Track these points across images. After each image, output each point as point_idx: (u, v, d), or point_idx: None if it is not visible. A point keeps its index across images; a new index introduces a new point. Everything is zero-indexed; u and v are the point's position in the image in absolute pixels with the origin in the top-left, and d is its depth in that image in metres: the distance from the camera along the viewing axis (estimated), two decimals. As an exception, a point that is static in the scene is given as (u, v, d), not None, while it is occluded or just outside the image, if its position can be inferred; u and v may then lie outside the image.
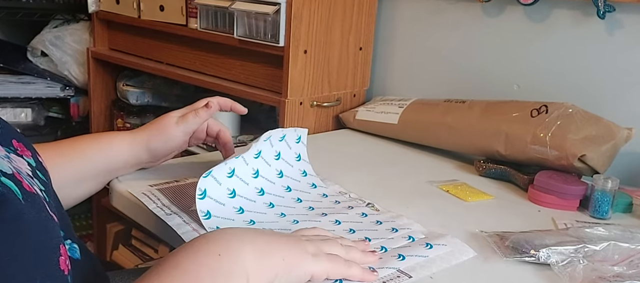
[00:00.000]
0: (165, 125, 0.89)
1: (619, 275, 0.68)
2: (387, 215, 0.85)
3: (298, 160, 0.94)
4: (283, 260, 0.59)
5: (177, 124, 0.89)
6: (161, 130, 0.89)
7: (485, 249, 0.76)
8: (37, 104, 1.89)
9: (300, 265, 0.60)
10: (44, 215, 0.50)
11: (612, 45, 1.13)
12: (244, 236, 0.59)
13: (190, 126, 0.89)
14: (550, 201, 0.95)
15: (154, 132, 0.89)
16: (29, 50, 1.86)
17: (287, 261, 0.59)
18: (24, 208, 0.48)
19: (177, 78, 1.53)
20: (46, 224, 0.50)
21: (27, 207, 0.48)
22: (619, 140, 1.01)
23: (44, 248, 0.48)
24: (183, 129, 0.89)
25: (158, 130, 0.89)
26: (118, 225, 1.91)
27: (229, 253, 0.55)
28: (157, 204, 0.82)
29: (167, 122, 0.89)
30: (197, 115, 0.89)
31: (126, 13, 1.60)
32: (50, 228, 0.51)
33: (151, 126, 0.90)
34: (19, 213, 0.47)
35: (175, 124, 0.89)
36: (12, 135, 0.62)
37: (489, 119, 1.11)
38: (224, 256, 0.55)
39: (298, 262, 0.60)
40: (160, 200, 0.83)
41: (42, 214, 0.50)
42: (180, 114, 0.91)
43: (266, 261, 0.58)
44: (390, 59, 1.48)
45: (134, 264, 1.81)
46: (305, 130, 0.95)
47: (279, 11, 1.22)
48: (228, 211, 0.78)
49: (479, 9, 1.30)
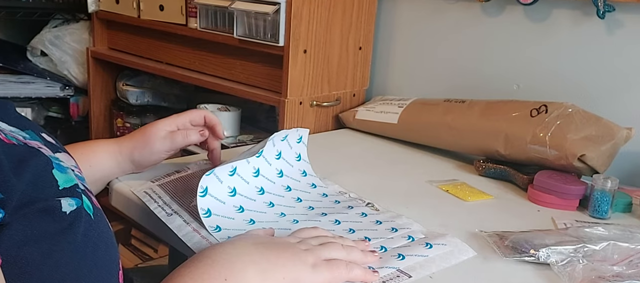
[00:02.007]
0: (151, 139, 0.87)
1: (618, 275, 0.68)
2: (386, 214, 0.85)
3: (298, 160, 0.94)
4: (283, 279, 0.60)
5: (163, 139, 0.87)
6: (146, 143, 0.86)
7: (485, 249, 0.76)
8: (37, 104, 1.89)
9: (300, 281, 0.61)
10: (109, 230, 0.52)
11: (612, 45, 1.13)
12: (246, 256, 0.59)
13: (177, 145, 0.88)
14: (550, 201, 0.95)
15: (139, 144, 0.87)
16: (29, 50, 1.86)
17: (288, 279, 0.60)
18: (94, 223, 0.49)
19: (177, 78, 1.53)
20: (111, 239, 0.52)
21: (97, 221, 0.50)
22: (619, 140, 1.01)
23: (110, 262, 0.50)
24: (169, 146, 0.87)
25: (144, 142, 0.87)
26: (118, 224, 1.91)
27: (234, 277, 0.57)
28: (158, 203, 0.82)
29: (153, 135, 0.87)
30: (186, 137, 0.87)
31: (126, 13, 1.60)
32: (113, 243, 0.53)
33: (137, 136, 0.88)
34: (91, 228, 0.48)
35: (162, 138, 0.87)
36: (62, 149, 0.62)
37: (488, 119, 1.11)
38: (230, 280, 0.56)
39: (298, 277, 0.61)
40: (162, 198, 0.83)
41: (108, 229, 0.52)
42: (169, 127, 0.88)
43: (268, 282, 0.59)
44: (390, 59, 1.48)
45: (134, 264, 1.81)
46: (307, 130, 0.95)
47: (278, 11, 1.22)
48: (228, 210, 0.78)
49: (479, 9, 1.30)
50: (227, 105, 1.50)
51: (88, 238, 0.48)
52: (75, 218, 0.47)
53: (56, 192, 0.48)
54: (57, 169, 0.50)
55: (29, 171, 0.47)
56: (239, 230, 0.75)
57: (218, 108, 1.49)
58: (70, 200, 0.48)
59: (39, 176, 0.48)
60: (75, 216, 0.47)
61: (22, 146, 0.49)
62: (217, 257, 0.58)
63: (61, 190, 0.49)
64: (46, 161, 0.49)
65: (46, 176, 0.49)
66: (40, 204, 0.46)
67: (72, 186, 0.50)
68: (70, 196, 0.48)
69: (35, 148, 0.50)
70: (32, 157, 0.49)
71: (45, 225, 0.45)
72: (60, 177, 0.50)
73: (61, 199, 0.47)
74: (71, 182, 0.50)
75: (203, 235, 0.73)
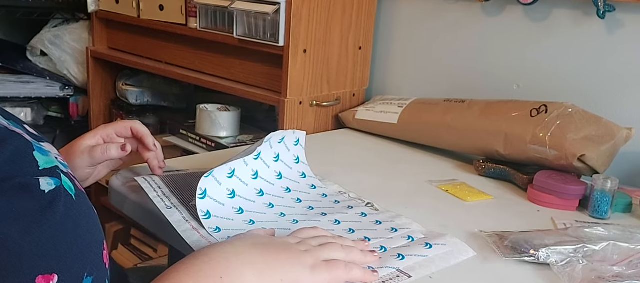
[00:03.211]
0: (70, 155, 0.83)
1: (618, 275, 0.68)
2: (386, 214, 0.84)
3: (296, 162, 0.94)
4: (281, 281, 0.59)
5: (82, 153, 0.83)
6: (68, 161, 0.80)
7: (484, 249, 0.76)
8: (37, 104, 1.89)
9: (299, 282, 0.61)
10: (92, 212, 0.52)
11: (612, 45, 1.13)
12: (244, 256, 0.59)
13: (96, 161, 0.84)
14: (550, 201, 0.95)
15: (63, 156, 0.85)
16: (29, 50, 1.86)
17: (286, 280, 0.60)
18: (76, 203, 0.49)
19: (177, 77, 1.53)
20: (95, 219, 0.52)
21: (78, 202, 0.50)
22: (619, 140, 1.01)
23: (93, 242, 0.50)
24: (89, 161, 0.83)
25: (67, 155, 0.82)
26: (117, 224, 1.91)
27: (231, 276, 0.56)
28: (158, 193, 0.81)
29: (72, 152, 0.83)
30: (106, 152, 0.83)
31: (126, 12, 1.60)
32: (97, 223, 0.52)
33: (63, 153, 0.81)
34: (72, 208, 0.48)
35: (81, 153, 0.83)
36: (45, 140, 0.61)
37: (488, 119, 1.11)
38: (226, 279, 0.56)
39: (296, 279, 0.61)
40: (161, 189, 0.82)
41: (91, 211, 0.52)
42: (91, 141, 0.85)
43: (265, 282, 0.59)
44: (390, 59, 1.48)
45: (134, 264, 1.81)
46: (304, 133, 0.95)
47: (278, 11, 1.22)
48: (228, 211, 0.78)
49: (479, 8, 1.30)
50: (226, 105, 1.50)
51: (68, 217, 0.47)
52: (55, 197, 0.47)
53: (36, 171, 0.48)
54: (38, 151, 0.49)
55: (8, 150, 0.46)
56: (238, 230, 0.74)
57: (218, 108, 1.49)
58: (49, 179, 0.47)
59: (19, 155, 0.47)
60: (55, 195, 0.47)
61: (3, 128, 0.49)
62: (215, 256, 0.58)
63: (41, 171, 0.48)
64: (26, 143, 0.49)
65: (26, 157, 0.48)
66: (17, 180, 0.45)
67: (52, 167, 0.49)
68: (49, 176, 0.48)
69: (16, 132, 0.49)
70: (12, 139, 0.48)
71: (23, 203, 0.45)
72: (41, 158, 0.49)
73: (40, 178, 0.47)
74: (51, 164, 0.49)
75: (202, 235, 0.73)
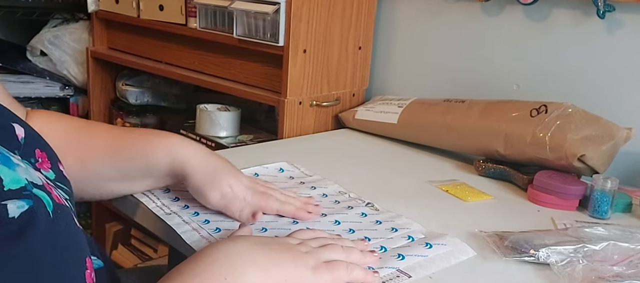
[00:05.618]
0: (227, 174, 0.79)
1: (618, 275, 0.68)
2: (386, 214, 0.84)
3: (291, 179, 0.96)
4: (285, 281, 0.59)
5: (228, 186, 0.78)
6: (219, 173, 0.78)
7: (484, 249, 0.76)
8: (37, 104, 1.89)
9: (301, 282, 0.61)
10: (73, 228, 0.50)
11: (612, 45, 1.13)
12: (247, 255, 0.59)
13: (228, 209, 0.78)
14: (550, 201, 0.95)
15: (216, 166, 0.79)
16: (28, 50, 1.86)
17: (289, 280, 0.60)
18: (53, 222, 0.47)
19: (177, 77, 1.53)
20: (75, 237, 0.50)
21: (56, 220, 0.48)
22: (619, 140, 1.01)
23: (73, 262, 0.48)
24: (219, 196, 0.78)
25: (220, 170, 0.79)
26: (117, 224, 1.91)
27: (235, 276, 0.56)
28: (157, 204, 0.82)
29: (233, 176, 0.79)
30: (241, 213, 0.78)
31: (125, 12, 1.60)
32: (78, 241, 0.50)
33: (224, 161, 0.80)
34: (48, 229, 0.46)
35: (229, 186, 0.78)
36: (36, 144, 0.59)
37: (488, 119, 1.11)
38: (230, 279, 0.56)
39: (299, 279, 0.61)
40: (160, 199, 0.83)
41: (71, 228, 0.50)
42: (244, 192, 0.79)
43: (269, 282, 0.58)
44: (390, 59, 1.48)
45: (133, 264, 1.81)
46: (284, 163, 0.97)
47: (278, 11, 1.22)
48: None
49: (479, 8, 1.30)
50: (226, 105, 1.50)
51: (44, 240, 0.45)
52: (28, 221, 0.44)
53: (1, 194, 0.44)
54: (4, 165, 0.46)
55: None
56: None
57: (218, 108, 1.49)
58: (19, 201, 0.44)
59: None
60: (27, 219, 0.44)
61: None
62: (218, 256, 0.58)
63: (6, 192, 0.45)
64: None
65: None
66: None
67: (19, 188, 0.46)
68: (18, 198, 0.45)
69: None
70: None
71: None
72: (7, 175, 0.46)
73: (7, 203, 0.44)
74: (19, 184, 0.46)
75: (203, 235, 0.73)
